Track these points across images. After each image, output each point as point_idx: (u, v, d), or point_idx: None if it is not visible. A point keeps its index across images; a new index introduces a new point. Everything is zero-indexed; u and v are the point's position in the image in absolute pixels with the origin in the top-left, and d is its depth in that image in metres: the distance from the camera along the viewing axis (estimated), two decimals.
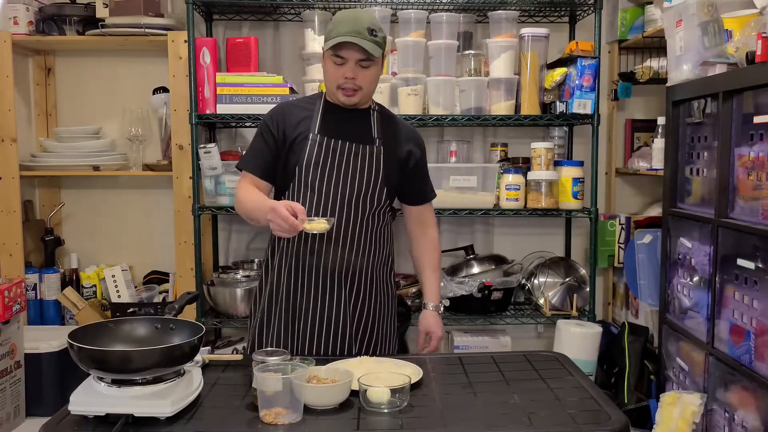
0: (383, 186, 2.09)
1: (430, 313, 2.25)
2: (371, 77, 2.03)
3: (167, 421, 1.49)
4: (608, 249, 3.14)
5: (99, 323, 1.69)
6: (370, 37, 1.95)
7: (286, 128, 2.08)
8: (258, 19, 3.20)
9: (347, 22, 1.96)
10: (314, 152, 2.05)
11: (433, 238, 2.28)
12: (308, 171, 2.05)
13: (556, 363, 1.93)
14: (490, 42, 2.95)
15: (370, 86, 2.05)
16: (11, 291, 2.48)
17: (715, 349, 2.15)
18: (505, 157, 3.16)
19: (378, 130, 2.11)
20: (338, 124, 2.09)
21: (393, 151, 2.11)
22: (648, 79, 2.98)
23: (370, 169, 2.07)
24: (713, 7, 2.17)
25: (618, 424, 1.50)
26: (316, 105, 2.12)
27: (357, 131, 2.09)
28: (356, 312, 2.09)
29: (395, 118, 2.21)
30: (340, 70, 2.00)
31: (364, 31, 1.95)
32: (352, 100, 2.04)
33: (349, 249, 2.06)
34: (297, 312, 2.07)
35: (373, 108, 2.15)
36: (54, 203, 3.26)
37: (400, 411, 1.56)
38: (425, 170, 2.24)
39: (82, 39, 3.00)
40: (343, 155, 2.06)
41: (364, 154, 2.07)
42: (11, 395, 2.53)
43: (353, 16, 1.98)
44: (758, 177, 1.91)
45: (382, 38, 2.00)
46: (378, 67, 2.04)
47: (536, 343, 3.36)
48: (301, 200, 2.05)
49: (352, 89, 2.02)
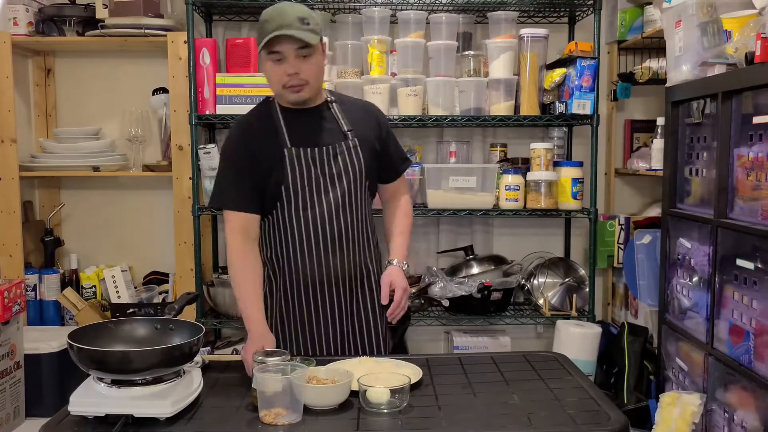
0: (366, 179, 2.06)
1: (394, 268, 2.10)
2: (314, 68, 1.94)
3: (167, 421, 1.49)
4: (608, 249, 3.14)
5: (99, 324, 1.70)
6: (303, 26, 1.88)
7: (257, 152, 1.99)
8: (257, 19, 3.18)
9: (274, 18, 1.89)
10: (296, 167, 1.98)
11: (404, 203, 2.22)
12: (295, 188, 1.99)
13: (556, 363, 1.93)
14: (489, 42, 2.95)
15: (317, 78, 1.97)
16: (11, 291, 2.48)
17: (715, 350, 2.15)
18: (505, 158, 3.16)
19: (345, 122, 2.05)
20: (306, 129, 2.01)
21: (366, 139, 2.06)
22: (647, 79, 2.99)
23: (353, 167, 2.03)
24: (712, 7, 2.17)
25: (617, 424, 1.51)
26: (273, 116, 2.03)
27: (326, 131, 2.03)
28: (357, 310, 2.08)
29: (353, 102, 2.15)
30: (280, 68, 1.92)
31: (295, 21, 1.87)
32: (302, 96, 1.96)
33: (348, 252, 2.04)
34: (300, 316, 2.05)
35: (329, 101, 2.08)
36: (54, 204, 3.26)
37: (400, 411, 1.56)
38: (394, 143, 2.18)
39: (82, 40, 3.00)
40: (323, 161, 2.00)
41: (342, 152, 2.02)
42: (11, 396, 2.53)
43: (278, 10, 1.90)
44: (757, 177, 1.91)
45: (315, 25, 1.91)
46: (319, 55, 1.95)
47: (536, 343, 3.36)
48: (294, 217, 2.00)
49: (298, 85, 1.93)
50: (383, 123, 2.14)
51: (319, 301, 2.05)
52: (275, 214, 2.03)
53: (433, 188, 2.93)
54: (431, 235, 3.33)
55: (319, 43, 1.94)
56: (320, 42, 1.95)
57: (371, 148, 2.07)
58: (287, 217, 2.02)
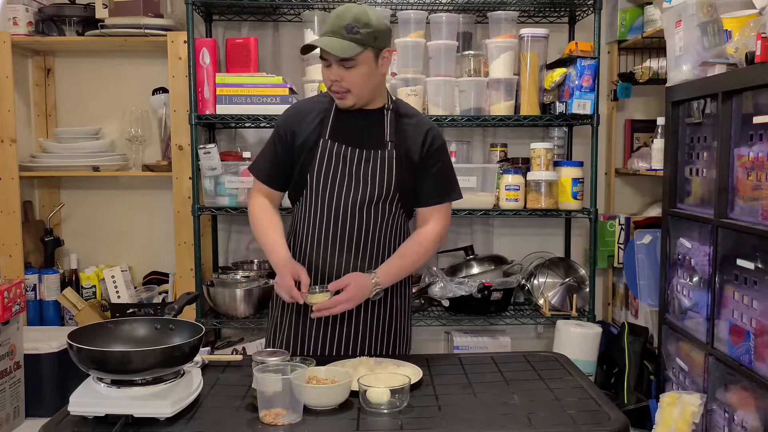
0: (396, 192, 2.02)
1: (365, 277, 1.94)
2: (358, 77, 1.92)
3: (167, 421, 1.49)
4: (608, 249, 3.14)
5: (98, 324, 1.70)
6: (349, 35, 1.86)
7: (298, 134, 2.02)
8: (258, 19, 3.20)
9: (331, 19, 1.90)
10: (324, 159, 2.00)
11: (426, 232, 2.06)
12: (319, 179, 2.01)
13: (556, 363, 1.93)
14: (489, 42, 2.95)
15: (362, 87, 1.94)
16: (11, 292, 2.48)
17: (715, 350, 2.15)
18: (505, 158, 3.16)
19: (391, 132, 2.02)
20: (351, 128, 2.01)
21: (406, 154, 2.01)
22: (647, 79, 2.99)
23: (382, 175, 2.00)
24: (713, 7, 2.17)
25: (618, 424, 1.50)
26: (331, 106, 2.04)
27: (369, 135, 2.01)
28: (370, 316, 2.06)
29: (411, 116, 2.08)
30: (327, 71, 1.94)
31: (342, 29, 1.86)
32: (345, 103, 1.98)
33: (362, 257, 2.02)
34: (308, 318, 2.04)
35: (387, 107, 2.04)
36: (54, 204, 3.26)
37: (400, 411, 1.56)
38: (441, 171, 2.06)
39: (82, 39, 3.00)
40: (353, 162, 2.00)
41: (375, 159, 2.00)
42: (11, 396, 2.53)
43: (337, 12, 1.90)
44: (758, 177, 1.91)
45: (367, 33, 1.87)
46: (366, 65, 1.91)
47: (536, 343, 3.36)
48: (313, 208, 2.02)
49: (340, 91, 1.94)
50: (433, 144, 2.04)
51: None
52: (301, 201, 2.07)
53: None
54: None
55: (367, 53, 1.90)
56: (370, 50, 1.90)
57: (410, 164, 2.02)
58: (308, 206, 2.04)
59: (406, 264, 2.03)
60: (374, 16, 1.91)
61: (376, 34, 1.90)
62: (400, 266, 2.02)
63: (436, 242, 2.07)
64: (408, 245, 2.05)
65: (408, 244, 2.05)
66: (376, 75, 1.97)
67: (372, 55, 1.92)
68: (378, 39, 1.91)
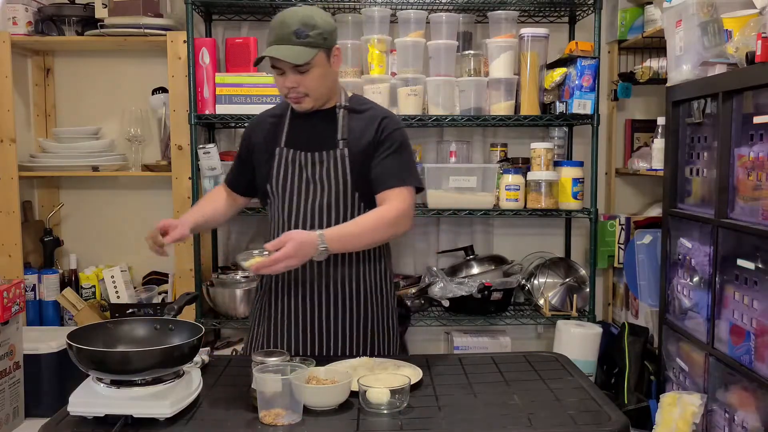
0: (354, 190, 1.98)
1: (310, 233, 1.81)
2: (315, 80, 1.91)
3: (167, 422, 1.49)
4: (608, 249, 3.14)
5: (98, 324, 1.69)
6: (299, 40, 1.84)
7: (257, 144, 2.08)
8: (257, 19, 3.20)
9: (274, 29, 1.88)
10: (282, 168, 2.02)
11: (382, 208, 1.94)
12: (278, 187, 2.02)
13: (556, 363, 1.93)
14: (489, 42, 2.95)
15: (319, 89, 1.94)
16: (10, 292, 2.47)
17: (715, 350, 2.15)
18: (505, 158, 3.16)
19: (343, 130, 2.00)
20: (305, 132, 2.02)
21: (361, 149, 1.98)
22: (648, 79, 2.98)
23: (337, 176, 1.98)
24: (713, 7, 2.17)
25: (618, 424, 1.50)
26: (285, 113, 2.06)
27: (322, 137, 2.00)
28: (348, 317, 2.04)
29: (365, 110, 2.04)
30: (281, 79, 1.93)
31: (290, 36, 1.84)
32: (304, 107, 1.97)
33: (332, 259, 1.99)
34: (287, 320, 2.04)
35: (339, 106, 2.02)
36: (53, 204, 3.26)
37: (400, 412, 1.56)
38: (395, 158, 1.98)
39: (81, 39, 3.00)
40: (308, 166, 1.99)
41: (329, 160, 1.98)
42: (10, 396, 2.53)
43: (280, 20, 1.88)
44: (758, 177, 1.91)
45: (317, 35, 1.86)
46: (320, 67, 1.90)
47: (536, 343, 3.35)
48: (278, 216, 2.04)
49: (298, 96, 1.94)
50: (384, 131, 1.99)
51: (293, 302, 2.03)
52: (269, 211, 2.10)
53: (433, 188, 2.92)
54: (431, 235, 3.33)
55: (320, 54, 1.89)
56: (323, 52, 1.90)
57: (367, 158, 1.98)
58: (274, 215, 2.06)
59: (356, 231, 1.89)
60: (319, 16, 1.90)
61: (325, 35, 1.89)
62: (350, 232, 1.88)
63: (393, 220, 1.92)
64: (363, 216, 1.94)
65: (364, 215, 1.95)
66: (331, 74, 1.97)
67: (324, 55, 1.91)
68: (327, 39, 1.90)
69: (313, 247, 1.79)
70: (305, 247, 1.78)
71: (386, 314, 2.12)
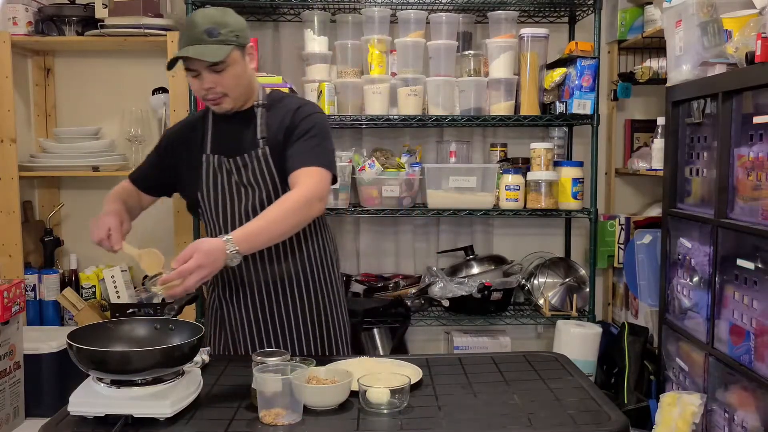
0: (284, 186, 1.93)
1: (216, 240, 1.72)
2: (232, 79, 1.88)
3: (167, 421, 1.49)
4: (608, 249, 3.14)
5: (98, 324, 1.69)
6: (212, 38, 1.82)
7: (181, 150, 2.04)
8: (257, 19, 3.20)
9: (184, 32, 1.86)
10: (210, 176, 1.99)
11: (288, 193, 1.87)
12: (209, 196, 2.00)
13: (556, 363, 1.93)
14: (489, 42, 2.95)
15: (237, 88, 1.91)
16: (10, 292, 2.47)
17: (715, 350, 2.15)
18: (505, 158, 3.16)
19: (262, 128, 1.97)
20: (228, 136, 2.00)
21: (278, 143, 1.95)
22: (647, 79, 2.98)
23: (263, 176, 1.95)
24: (713, 7, 2.17)
25: (618, 424, 1.50)
26: (207, 120, 2.04)
27: (243, 139, 1.98)
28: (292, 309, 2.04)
29: (281, 106, 2.01)
30: (197, 83, 1.89)
31: (202, 35, 1.82)
32: (223, 108, 1.93)
33: (276, 260, 1.99)
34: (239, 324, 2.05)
35: (256, 104, 2.00)
36: (53, 204, 3.26)
37: (400, 412, 1.56)
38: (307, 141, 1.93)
39: (82, 39, 2.99)
40: (234, 171, 1.97)
41: (252, 162, 1.95)
42: (10, 396, 2.53)
43: (189, 22, 1.86)
44: (758, 177, 1.91)
45: (229, 32, 1.84)
46: (237, 65, 1.88)
47: (536, 343, 3.35)
48: (213, 225, 2.02)
49: (216, 98, 1.90)
50: (296, 118, 1.95)
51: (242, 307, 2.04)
52: (202, 220, 2.07)
53: (433, 188, 2.93)
54: (431, 235, 3.33)
55: (235, 52, 1.86)
56: (237, 49, 1.87)
57: (284, 150, 1.95)
58: (207, 223, 2.04)
59: (262, 224, 1.79)
60: (229, 15, 1.89)
61: (237, 32, 1.87)
62: (257, 227, 1.79)
63: (301, 203, 1.83)
64: (269, 207, 1.86)
65: (269, 206, 1.86)
66: (247, 72, 1.94)
67: (239, 53, 1.89)
68: (240, 36, 1.88)
69: (221, 252, 1.69)
70: (214, 255, 1.68)
71: (335, 300, 2.10)
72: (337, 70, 3.00)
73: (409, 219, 3.28)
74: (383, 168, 2.91)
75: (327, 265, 2.10)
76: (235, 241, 1.72)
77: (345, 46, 2.97)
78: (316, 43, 2.97)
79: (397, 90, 2.92)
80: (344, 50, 2.98)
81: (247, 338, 2.06)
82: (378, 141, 3.25)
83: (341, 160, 2.90)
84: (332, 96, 2.89)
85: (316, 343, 2.07)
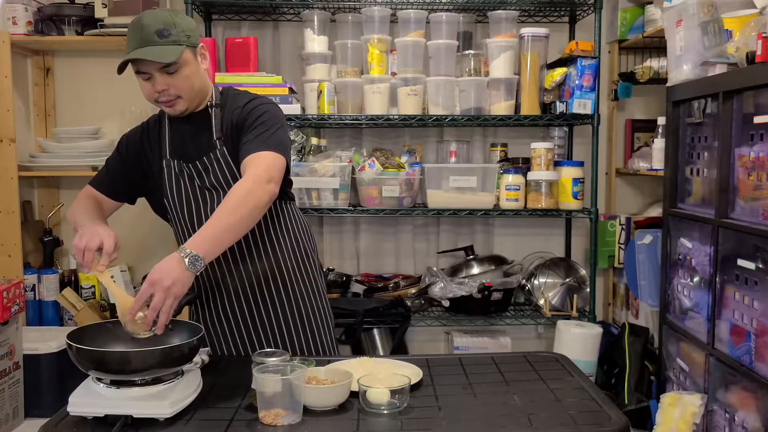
0: None
1: (172, 256, 1.63)
2: (185, 80, 1.85)
3: (166, 422, 1.49)
4: (608, 249, 3.14)
5: (98, 324, 1.69)
6: (162, 39, 1.78)
7: (142, 159, 2.01)
8: (257, 19, 3.19)
9: (132, 34, 1.81)
10: (173, 181, 1.97)
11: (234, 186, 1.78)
12: (175, 202, 1.98)
13: (557, 364, 1.93)
14: (489, 42, 2.95)
15: (191, 89, 1.87)
16: (10, 292, 2.47)
17: (716, 350, 2.15)
18: (505, 158, 3.16)
19: (218, 128, 1.94)
20: (185, 140, 1.97)
21: (234, 140, 1.92)
22: (648, 79, 2.98)
23: (226, 177, 1.93)
24: (713, 7, 2.17)
25: (618, 424, 1.50)
26: (163, 123, 2.01)
27: (201, 141, 1.95)
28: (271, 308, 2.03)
29: (231, 102, 1.97)
30: (149, 86, 1.85)
31: (153, 36, 1.78)
32: (177, 110, 1.89)
33: (249, 259, 1.98)
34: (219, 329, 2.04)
35: (210, 105, 1.96)
36: (53, 204, 3.25)
37: (400, 412, 1.56)
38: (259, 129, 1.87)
39: (81, 39, 2.99)
40: (195, 175, 1.95)
41: (212, 165, 1.93)
42: (10, 396, 2.52)
43: (138, 24, 1.80)
44: (758, 177, 1.91)
45: (180, 33, 1.81)
46: (189, 66, 1.85)
47: (536, 343, 3.35)
48: (182, 230, 1.99)
49: (169, 100, 1.87)
50: (247, 111, 1.91)
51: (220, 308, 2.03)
52: (172, 225, 2.05)
53: (434, 188, 2.92)
54: (431, 235, 3.33)
55: (187, 52, 1.83)
56: (189, 50, 1.84)
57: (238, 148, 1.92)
58: (178, 230, 2.02)
59: (214, 222, 1.71)
60: (178, 15, 1.87)
61: (188, 32, 1.84)
62: (209, 226, 1.70)
63: (247, 192, 1.75)
64: (221, 206, 1.75)
65: (221, 205, 1.75)
66: (200, 73, 1.91)
67: (191, 53, 1.86)
68: (191, 36, 1.85)
69: (178, 265, 1.61)
70: (171, 273, 1.59)
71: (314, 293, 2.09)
72: (337, 69, 3.00)
73: (409, 219, 3.28)
74: (383, 168, 2.91)
75: (302, 259, 2.07)
76: (190, 246, 1.65)
77: (345, 46, 2.97)
78: (315, 42, 2.97)
79: (397, 90, 2.92)
80: (344, 50, 2.97)
81: (228, 340, 2.05)
82: (378, 141, 3.25)
83: (341, 159, 2.90)
84: (332, 96, 2.89)
85: (299, 339, 2.05)
